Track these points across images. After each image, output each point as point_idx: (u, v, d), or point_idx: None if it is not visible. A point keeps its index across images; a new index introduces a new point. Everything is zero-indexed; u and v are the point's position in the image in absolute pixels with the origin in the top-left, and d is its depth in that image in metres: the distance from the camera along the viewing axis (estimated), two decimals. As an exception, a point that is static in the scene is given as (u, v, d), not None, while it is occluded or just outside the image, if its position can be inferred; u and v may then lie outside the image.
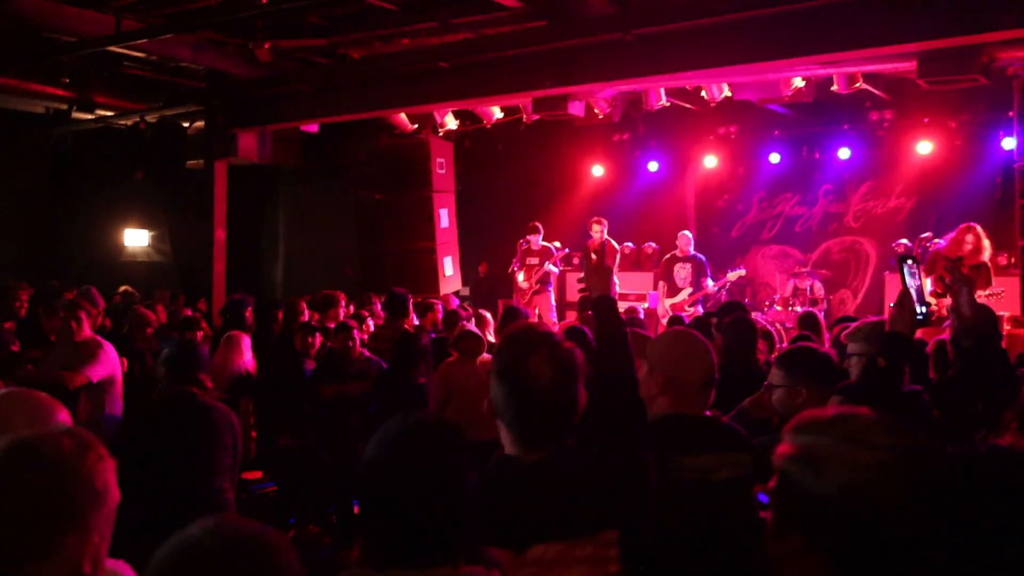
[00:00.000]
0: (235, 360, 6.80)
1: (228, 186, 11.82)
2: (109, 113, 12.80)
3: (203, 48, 10.69)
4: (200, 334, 7.57)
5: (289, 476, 6.69)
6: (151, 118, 12.46)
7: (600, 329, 2.52)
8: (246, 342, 6.96)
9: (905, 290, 2.60)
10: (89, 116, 12.82)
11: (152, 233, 15.38)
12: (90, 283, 7.84)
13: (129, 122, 12.77)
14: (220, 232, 11.65)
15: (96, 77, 11.90)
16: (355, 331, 6.51)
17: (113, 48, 10.25)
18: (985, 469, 1.96)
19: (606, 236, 10.91)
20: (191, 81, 11.81)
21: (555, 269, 11.57)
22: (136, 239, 15.38)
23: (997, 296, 7.76)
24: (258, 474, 6.92)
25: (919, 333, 4.21)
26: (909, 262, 2.64)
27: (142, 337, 7.52)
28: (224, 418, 4.43)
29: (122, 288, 11.48)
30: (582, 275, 11.73)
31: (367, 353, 6.50)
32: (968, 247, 8.12)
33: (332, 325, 7.33)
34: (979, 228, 8.22)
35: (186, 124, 12.34)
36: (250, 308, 7.70)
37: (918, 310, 2.57)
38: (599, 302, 2.57)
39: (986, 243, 8.24)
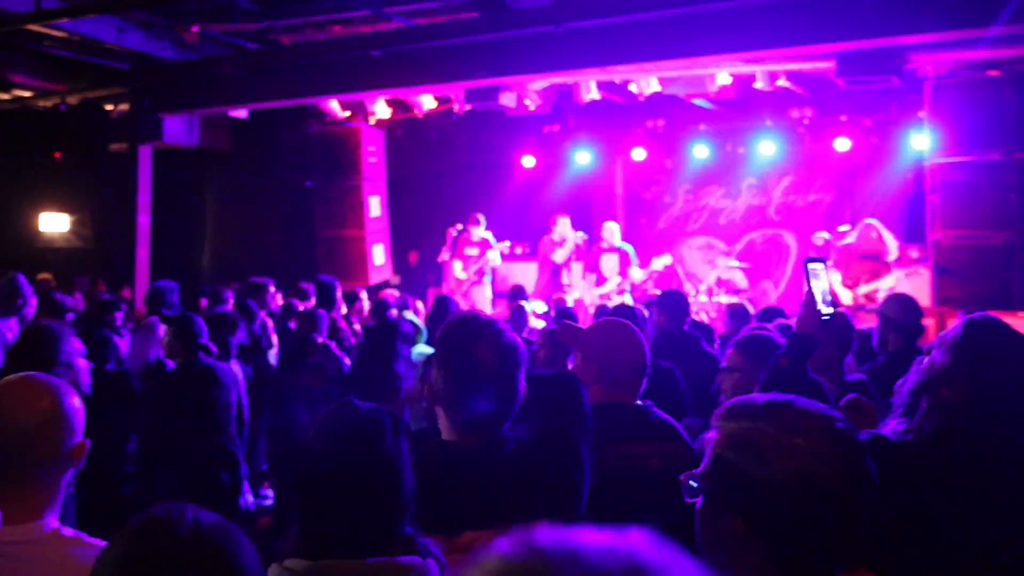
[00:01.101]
0: (150, 347, 6.69)
1: (153, 170, 11.61)
2: (27, 94, 12.43)
3: (129, 29, 10.43)
4: (120, 315, 7.42)
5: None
6: (72, 100, 12.13)
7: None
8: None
9: (809, 292, 2.69)
10: (5, 96, 12.43)
11: (72, 218, 14.99)
12: (6, 269, 7.62)
13: (49, 103, 12.41)
14: (144, 217, 11.44)
15: (14, 56, 11.54)
16: (322, 321, 6.41)
17: (33, 27, 9.96)
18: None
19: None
20: (116, 63, 11.52)
21: (496, 259, 11.63)
22: (55, 224, 14.95)
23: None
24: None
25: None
26: (813, 264, 2.73)
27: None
28: (227, 376, 5.19)
29: (40, 276, 11.20)
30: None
31: (334, 347, 6.42)
32: (873, 242, 8.71)
33: (263, 313, 7.29)
34: (879, 223, 8.80)
35: (110, 107, 12.05)
36: (177, 294, 7.59)
37: (823, 311, 2.66)
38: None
39: (888, 236, 8.81)
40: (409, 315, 6.89)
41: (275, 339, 7.11)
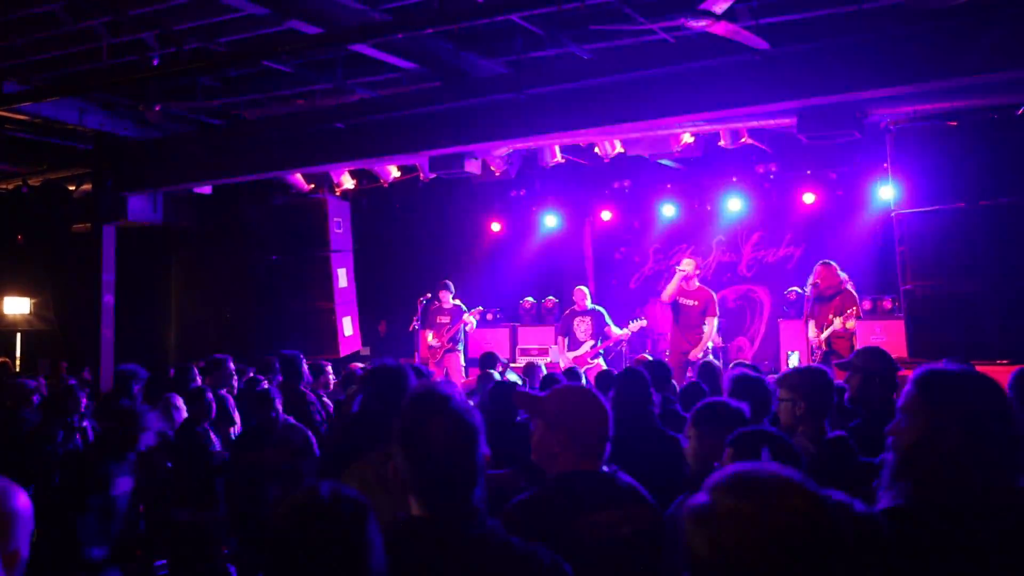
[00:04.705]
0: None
1: (117, 248, 11.47)
2: (-11, 176, 12.34)
3: (91, 110, 10.40)
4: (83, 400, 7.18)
5: (185, 554, 6.39)
6: (34, 181, 12.03)
7: None
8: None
9: None
10: (-34, 179, 12.34)
11: (34, 300, 14.74)
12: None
13: (10, 185, 12.30)
14: (109, 297, 11.25)
15: (-26, 140, 11.46)
16: (277, 399, 6.25)
17: (-6, 111, 9.89)
18: None
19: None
20: (78, 143, 11.46)
21: (473, 322, 11.52)
22: (16, 307, 14.70)
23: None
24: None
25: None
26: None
27: (28, 410, 7.14)
28: None
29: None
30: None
31: (292, 420, 6.27)
32: (833, 279, 8.83)
33: (224, 390, 7.12)
34: (832, 262, 8.93)
35: (72, 187, 11.96)
36: (140, 380, 7.36)
37: None
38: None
39: (842, 274, 8.92)
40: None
41: (237, 416, 6.93)
